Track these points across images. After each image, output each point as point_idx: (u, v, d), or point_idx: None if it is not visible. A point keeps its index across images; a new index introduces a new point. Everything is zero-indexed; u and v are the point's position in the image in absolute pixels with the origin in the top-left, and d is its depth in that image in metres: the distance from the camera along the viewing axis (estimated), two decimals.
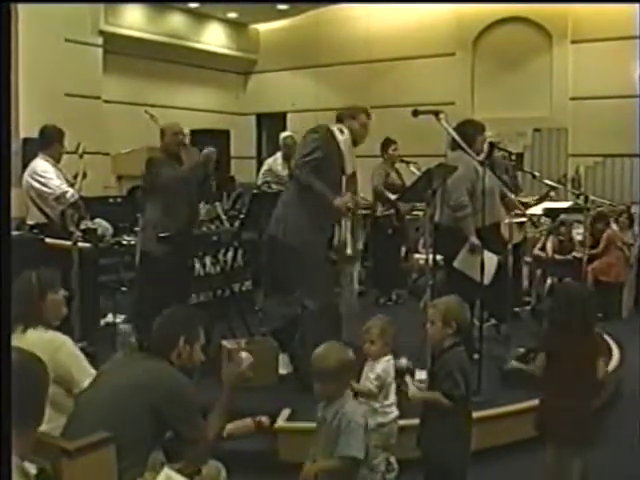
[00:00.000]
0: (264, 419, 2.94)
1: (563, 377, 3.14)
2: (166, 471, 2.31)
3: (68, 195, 5.12)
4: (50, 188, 5.12)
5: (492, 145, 5.46)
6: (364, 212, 7.65)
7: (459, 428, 2.95)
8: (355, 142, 4.75)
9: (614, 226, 7.64)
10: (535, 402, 4.06)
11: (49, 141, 5.27)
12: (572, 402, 3.11)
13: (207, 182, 5.40)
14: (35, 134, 5.50)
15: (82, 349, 3.24)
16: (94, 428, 2.25)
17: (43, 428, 1.85)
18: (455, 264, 4.79)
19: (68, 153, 5.43)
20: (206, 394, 2.89)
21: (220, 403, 2.75)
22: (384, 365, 3.26)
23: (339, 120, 4.76)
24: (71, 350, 2.94)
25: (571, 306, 3.21)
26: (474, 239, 4.77)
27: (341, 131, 4.69)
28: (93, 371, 2.94)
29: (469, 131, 5.06)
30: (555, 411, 3.17)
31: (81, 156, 5.36)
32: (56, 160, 5.31)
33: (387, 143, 7.34)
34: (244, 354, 2.86)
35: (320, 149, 4.51)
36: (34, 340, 2.80)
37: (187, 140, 5.43)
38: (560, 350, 3.15)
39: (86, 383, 2.82)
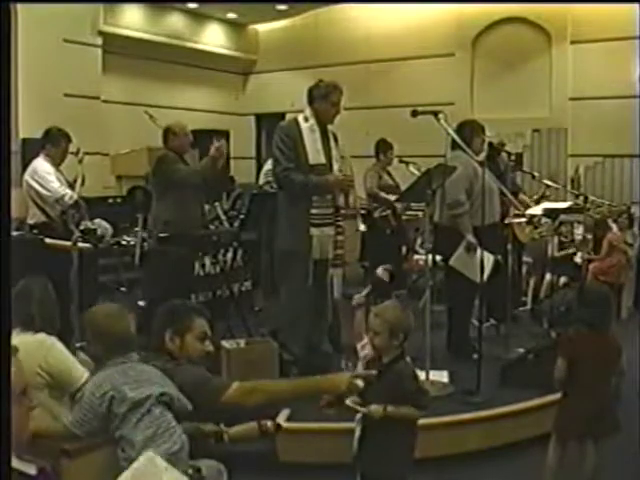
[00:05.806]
0: (269, 424, 2.83)
1: (588, 377, 3.21)
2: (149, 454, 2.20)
3: (67, 198, 5.13)
4: (49, 190, 5.12)
5: (491, 145, 5.47)
6: (362, 212, 7.68)
7: (410, 437, 2.75)
8: (326, 122, 4.57)
9: (614, 227, 7.61)
10: (533, 402, 4.11)
11: (53, 143, 5.26)
12: (598, 399, 3.24)
13: (220, 179, 5.37)
14: (34, 134, 5.49)
15: (82, 348, 3.26)
16: None
17: None
18: (451, 262, 4.79)
19: (70, 154, 5.42)
20: None
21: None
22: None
23: (310, 102, 4.57)
24: (61, 350, 2.99)
25: (599, 307, 3.33)
26: (470, 237, 4.77)
27: (306, 119, 4.52)
28: (82, 369, 2.96)
29: (467, 132, 5.08)
30: (584, 411, 3.23)
31: (80, 161, 5.36)
32: (58, 162, 5.30)
33: (384, 146, 7.27)
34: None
35: (285, 142, 4.44)
36: (25, 342, 2.83)
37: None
38: (586, 351, 3.23)
39: (82, 381, 2.84)
